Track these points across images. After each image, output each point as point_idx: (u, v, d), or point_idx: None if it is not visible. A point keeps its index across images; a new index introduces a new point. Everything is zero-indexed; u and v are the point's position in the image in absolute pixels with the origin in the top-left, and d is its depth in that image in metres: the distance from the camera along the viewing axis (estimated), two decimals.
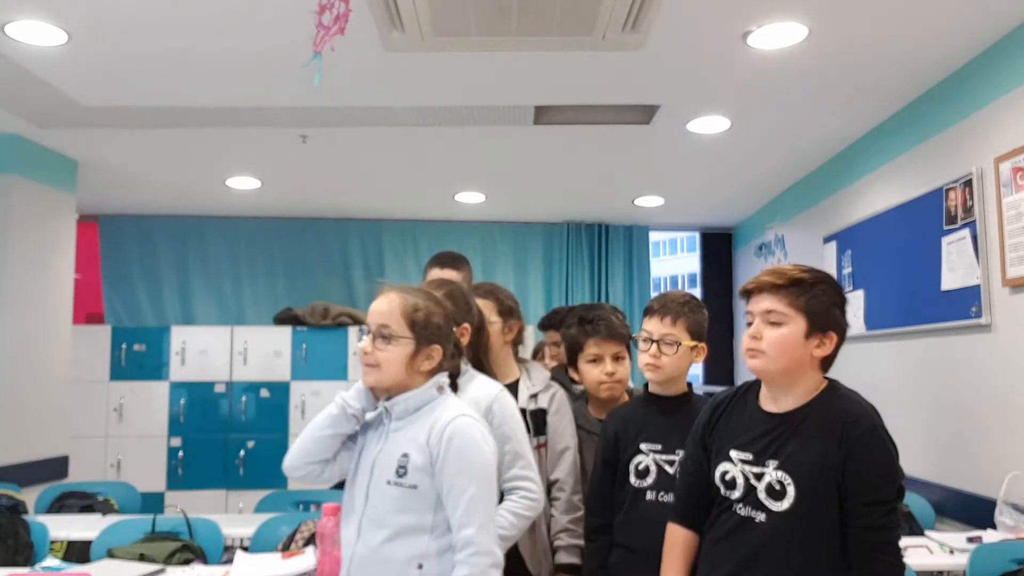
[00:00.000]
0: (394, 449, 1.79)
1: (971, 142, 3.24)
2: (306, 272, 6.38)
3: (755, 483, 1.70)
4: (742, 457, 1.74)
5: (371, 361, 1.79)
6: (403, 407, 1.81)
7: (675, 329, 2.11)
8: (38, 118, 4.00)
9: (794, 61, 3.25)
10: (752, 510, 1.69)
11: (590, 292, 6.54)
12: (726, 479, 1.75)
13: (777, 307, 1.70)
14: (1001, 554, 2.59)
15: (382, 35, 2.99)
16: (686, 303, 2.16)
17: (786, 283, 1.71)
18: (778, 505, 1.66)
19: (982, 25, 2.95)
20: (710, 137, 4.26)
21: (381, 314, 1.81)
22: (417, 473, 1.74)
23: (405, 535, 1.73)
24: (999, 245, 3.01)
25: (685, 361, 2.13)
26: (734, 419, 1.81)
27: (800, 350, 1.69)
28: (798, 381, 1.72)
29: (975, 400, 3.22)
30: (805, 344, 1.69)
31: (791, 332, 1.69)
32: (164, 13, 2.86)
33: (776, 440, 1.71)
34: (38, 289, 4.43)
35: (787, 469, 1.67)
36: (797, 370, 1.71)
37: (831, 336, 1.71)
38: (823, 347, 1.71)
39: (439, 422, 1.77)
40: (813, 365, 1.72)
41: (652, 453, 2.10)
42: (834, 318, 1.72)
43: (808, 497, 1.64)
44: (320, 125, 4.10)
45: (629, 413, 2.21)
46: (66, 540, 3.10)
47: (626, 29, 2.94)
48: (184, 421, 5.70)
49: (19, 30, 2.96)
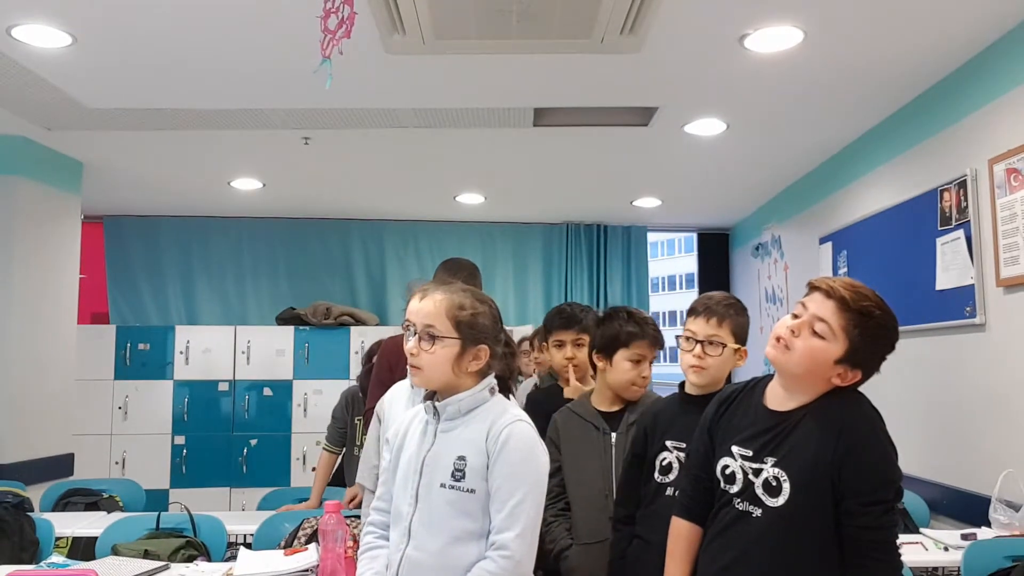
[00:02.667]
0: (447, 451, 1.74)
1: (965, 144, 3.26)
2: (308, 272, 6.41)
3: (753, 479, 1.70)
4: (743, 453, 1.73)
5: (418, 362, 1.75)
6: (455, 408, 1.76)
7: (720, 331, 2.09)
8: (44, 120, 4.02)
9: (790, 64, 3.27)
10: (749, 505, 1.69)
11: (589, 292, 6.56)
12: (726, 473, 1.75)
13: (831, 321, 1.66)
14: (995, 551, 2.60)
15: (383, 38, 3.00)
16: (731, 305, 2.13)
17: (855, 307, 1.66)
18: (773, 501, 1.65)
19: (976, 28, 2.97)
20: (707, 139, 4.28)
21: (427, 314, 1.75)
22: (475, 476, 1.70)
23: (465, 540, 1.70)
24: (993, 246, 3.03)
25: (728, 363, 2.11)
26: (739, 414, 1.80)
27: (824, 369, 1.67)
28: (807, 389, 1.71)
29: (969, 399, 3.24)
30: (831, 367, 1.67)
31: (825, 349, 1.66)
32: (169, 17, 2.88)
33: (776, 438, 1.70)
34: (44, 289, 4.45)
35: (783, 466, 1.66)
36: (810, 381, 1.70)
37: (857, 373, 1.68)
38: (843, 378, 1.68)
39: (496, 424, 1.73)
40: (829, 385, 1.70)
41: (676, 451, 2.10)
42: (871, 361, 1.69)
43: (803, 494, 1.63)
44: (322, 127, 4.12)
45: (661, 410, 2.20)
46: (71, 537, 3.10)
47: (624, 32, 2.96)
48: (188, 419, 5.74)
49: (25, 33, 2.99)
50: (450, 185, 5.45)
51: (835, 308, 1.67)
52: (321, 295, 6.28)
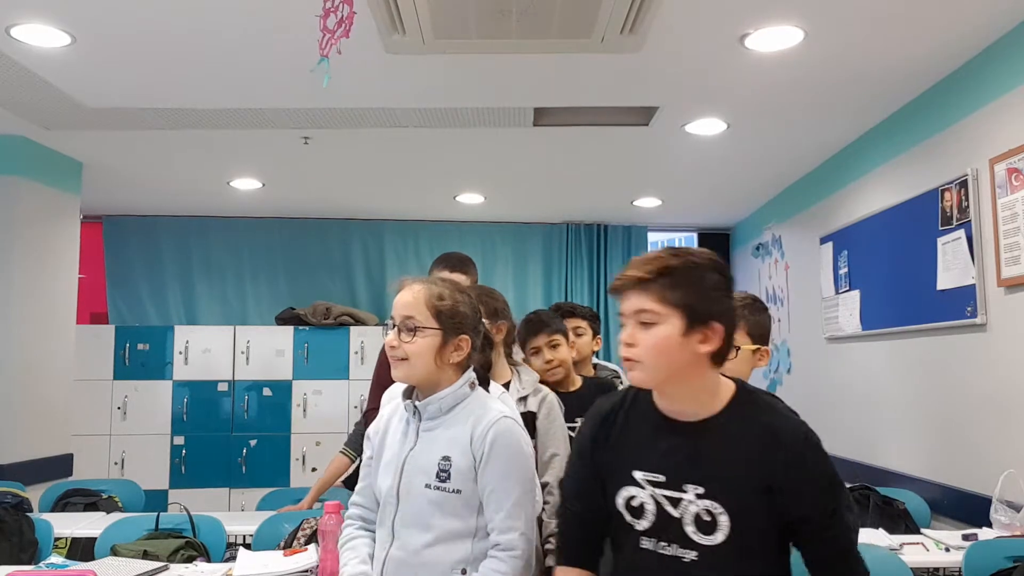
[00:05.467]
0: (430, 450, 1.73)
1: (966, 143, 3.26)
2: (308, 272, 6.40)
3: (672, 511, 1.44)
4: (651, 479, 1.47)
5: (399, 355, 1.73)
6: (436, 407, 1.76)
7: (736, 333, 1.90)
8: (43, 120, 4.02)
9: (791, 64, 3.27)
10: (679, 548, 1.43)
11: (589, 292, 6.56)
12: (632, 505, 1.48)
13: (647, 305, 1.44)
14: (996, 551, 2.59)
15: (383, 38, 3.00)
16: (746, 305, 2.04)
17: (653, 275, 1.45)
18: (710, 539, 1.41)
19: (978, 28, 2.97)
20: (708, 139, 4.28)
21: (406, 305, 1.75)
22: (460, 477, 1.69)
23: (449, 540, 1.69)
24: (994, 245, 3.03)
25: (747, 364, 2.03)
26: (632, 431, 1.53)
27: (680, 351, 1.43)
28: (692, 385, 1.47)
29: (970, 399, 3.24)
30: (685, 343, 1.43)
31: (666, 332, 1.43)
32: (168, 16, 2.88)
33: (690, 458, 1.45)
34: (43, 289, 4.45)
35: (713, 494, 1.42)
36: (684, 374, 1.46)
37: (715, 327, 1.44)
38: (709, 341, 1.44)
39: (481, 423, 1.72)
40: (702, 364, 1.46)
41: None
42: (716, 305, 1.45)
43: (744, 525, 1.41)
44: (322, 127, 4.11)
45: None
46: (70, 537, 3.10)
47: (625, 32, 2.95)
48: (187, 419, 5.73)
49: (24, 32, 2.98)
50: (450, 185, 5.44)
51: (640, 292, 1.46)
52: (321, 295, 6.28)
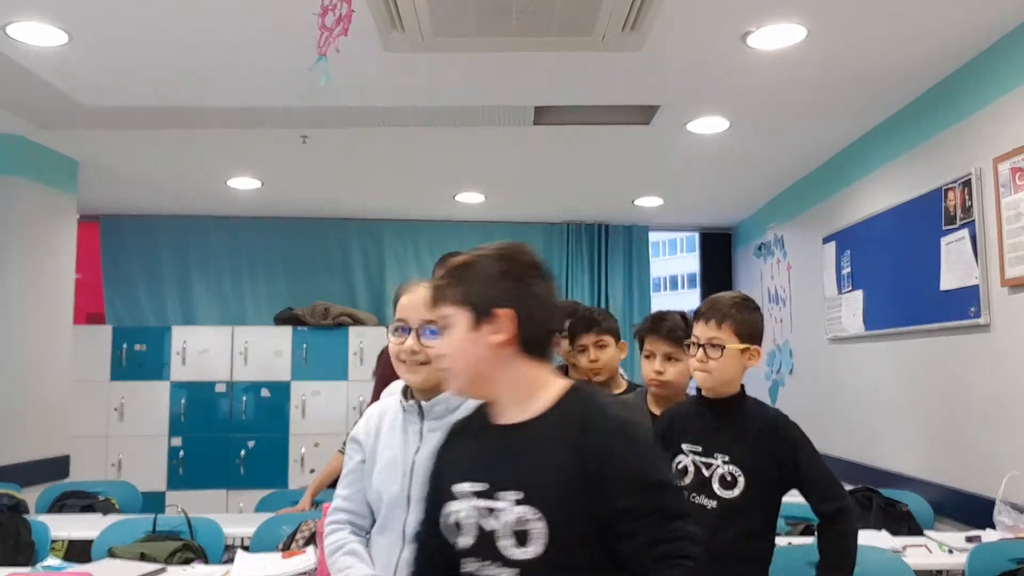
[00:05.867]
0: None
1: (970, 142, 3.24)
2: (306, 272, 6.38)
3: (490, 523, 1.34)
4: (475, 489, 1.36)
5: (422, 359, 1.71)
6: (444, 406, 1.74)
7: (721, 332, 2.05)
8: (39, 119, 4.00)
9: (793, 62, 3.25)
10: (498, 566, 1.33)
11: (590, 292, 6.54)
12: (450, 524, 1.39)
13: (441, 311, 1.42)
14: (1000, 554, 2.59)
15: (382, 36, 2.99)
16: (734, 304, 2.09)
17: (446, 279, 1.42)
18: (524, 552, 1.30)
19: (981, 25, 2.96)
20: (710, 137, 4.26)
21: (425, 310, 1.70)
22: None
23: None
24: (998, 245, 3.01)
25: (735, 364, 2.06)
26: (459, 444, 1.49)
27: (475, 347, 1.37)
28: (501, 382, 1.40)
29: (974, 400, 3.22)
30: (476, 338, 1.36)
31: (457, 332, 1.39)
32: (165, 14, 2.86)
33: (506, 462, 1.37)
34: (39, 289, 4.43)
35: (530, 501, 1.31)
36: (489, 371, 1.39)
37: (500, 315, 1.36)
38: (499, 331, 1.36)
39: None
40: (504, 356, 1.37)
41: (692, 454, 2.07)
42: (495, 291, 1.37)
43: (560, 532, 1.29)
44: (321, 126, 4.10)
45: (678, 412, 2.19)
46: (67, 540, 3.10)
47: (626, 30, 2.94)
48: (185, 421, 5.71)
49: (20, 31, 2.97)
50: (450, 184, 5.43)
51: (438, 300, 1.44)
52: (319, 295, 6.26)
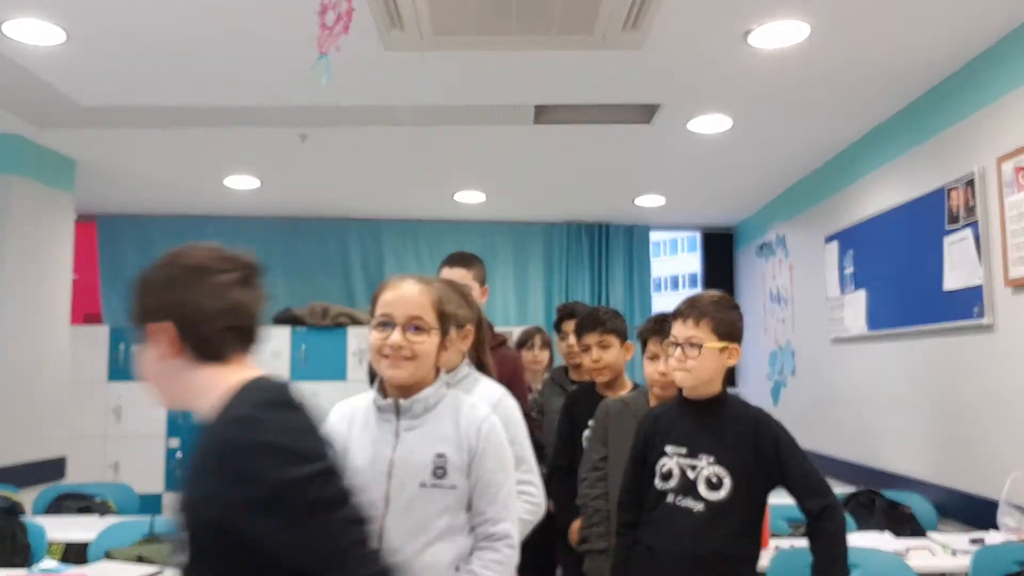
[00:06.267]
0: (420, 449, 1.71)
1: (973, 141, 3.22)
2: (305, 272, 6.37)
3: None
4: None
5: (407, 354, 1.70)
6: (423, 404, 1.74)
7: (698, 331, 2.05)
8: (36, 118, 3.98)
9: (795, 60, 3.24)
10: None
11: (590, 292, 6.53)
12: None
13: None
14: (1004, 555, 2.58)
15: (382, 34, 2.97)
16: (713, 302, 2.10)
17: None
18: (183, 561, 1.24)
19: (984, 24, 2.94)
20: (711, 136, 4.25)
21: (413, 305, 1.73)
22: (456, 473, 1.70)
23: (447, 537, 1.69)
24: (1001, 245, 3.00)
25: (714, 363, 2.05)
26: None
27: (145, 365, 1.39)
28: (181, 394, 1.38)
29: (977, 401, 3.21)
30: (143, 354, 1.38)
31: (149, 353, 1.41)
32: (163, 12, 2.84)
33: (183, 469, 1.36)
34: (36, 289, 4.41)
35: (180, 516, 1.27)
36: (167, 385, 1.40)
37: (152, 329, 1.37)
38: (159, 345, 1.36)
39: (473, 418, 1.74)
40: (170, 368, 1.37)
41: (676, 456, 2.07)
42: (152, 303, 1.39)
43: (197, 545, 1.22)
44: (319, 124, 4.08)
45: (661, 414, 2.17)
46: (64, 542, 3.08)
47: (626, 28, 2.93)
48: (183, 421, 5.68)
49: (17, 29, 2.95)
50: (449, 184, 5.41)
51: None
52: (318, 295, 6.25)
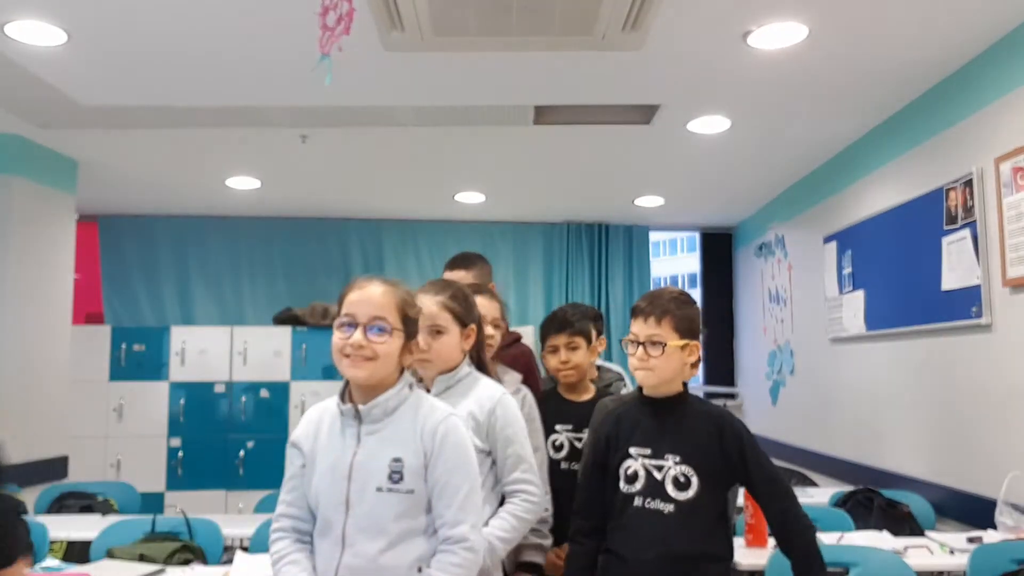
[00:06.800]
0: (378, 453, 1.72)
1: (971, 142, 3.23)
2: (306, 272, 6.37)
3: None
4: None
5: (367, 354, 1.70)
6: (382, 409, 1.74)
7: (660, 329, 1.99)
8: (38, 118, 3.99)
9: (794, 61, 3.24)
10: None
11: (590, 292, 6.53)
12: None
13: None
14: (1001, 554, 2.58)
15: (382, 35, 2.98)
16: (673, 299, 2.04)
17: None
18: None
19: (983, 25, 2.95)
20: (710, 137, 4.25)
21: (376, 306, 1.73)
22: (413, 477, 1.70)
23: (404, 540, 1.70)
24: (999, 245, 3.01)
25: (675, 362, 2.00)
26: None
27: None
28: None
29: (975, 400, 3.22)
30: None
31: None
32: (164, 13, 2.85)
33: None
34: (38, 289, 4.42)
35: None
36: None
37: None
38: None
39: (429, 421, 1.73)
40: None
41: (641, 457, 1.99)
42: None
43: None
44: (320, 125, 4.09)
45: (623, 415, 2.09)
46: (66, 540, 3.08)
47: (626, 29, 2.93)
48: (184, 421, 5.70)
49: (19, 30, 2.95)
50: (450, 184, 5.41)
51: None
52: (318, 295, 6.24)
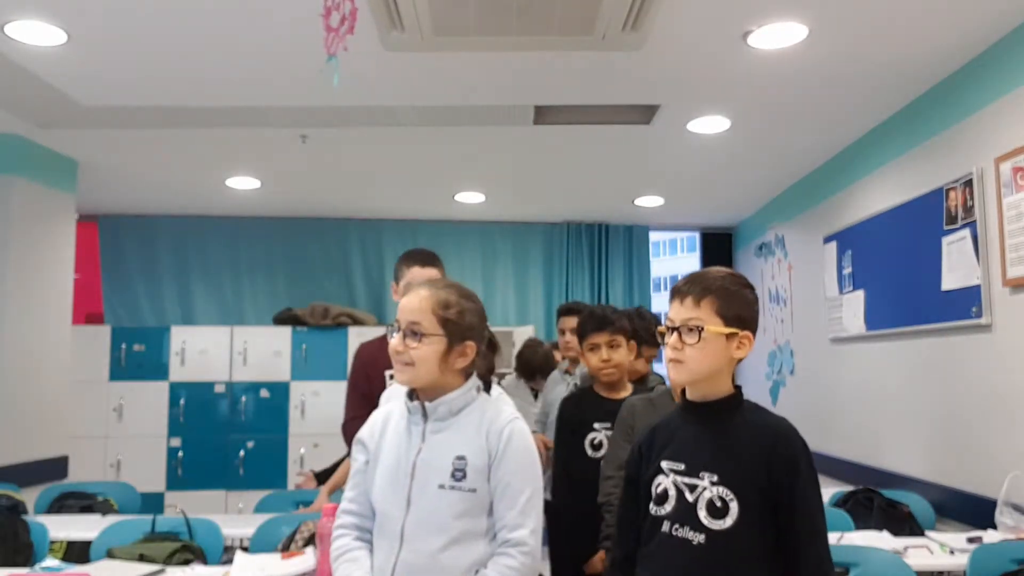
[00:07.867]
0: (443, 451, 1.73)
1: (971, 142, 3.23)
2: (306, 272, 6.37)
3: None
4: None
5: (404, 359, 1.74)
6: (447, 408, 1.76)
7: (699, 312, 1.62)
8: (38, 118, 3.99)
9: (794, 61, 3.24)
10: None
11: (590, 292, 6.53)
12: None
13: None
14: (1001, 554, 2.58)
15: (382, 35, 2.98)
16: (720, 277, 1.67)
17: None
18: None
19: (983, 25, 2.95)
20: (710, 137, 4.25)
21: (412, 311, 1.76)
22: (477, 476, 1.70)
23: (464, 541, 1.69)
24: (999, 245, 3.01)
25: (715, 353, 1.61)
26: None
27: None
28: None
29: (975, 400, 3.22)
30: None
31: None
32: (164, 13, 2.85)
33: None
34: (38, 289, 4.42)
35: None
36: None
37: None
38: None
39: (496, 423, 1.74)
40: None
41: (673, 473, 1.64)
42: None
43: None
44: (320, 125, 4.09)
45: (661, 423, 1.76)
46: (66, 540, 3.08)
47: (626, 29, 2.93)
48: (184, 421, 5.69)
49: (19, 30, 2.96)
50: (450, 184, 5.42)
51: None
52: (319, 295, 6.25)
